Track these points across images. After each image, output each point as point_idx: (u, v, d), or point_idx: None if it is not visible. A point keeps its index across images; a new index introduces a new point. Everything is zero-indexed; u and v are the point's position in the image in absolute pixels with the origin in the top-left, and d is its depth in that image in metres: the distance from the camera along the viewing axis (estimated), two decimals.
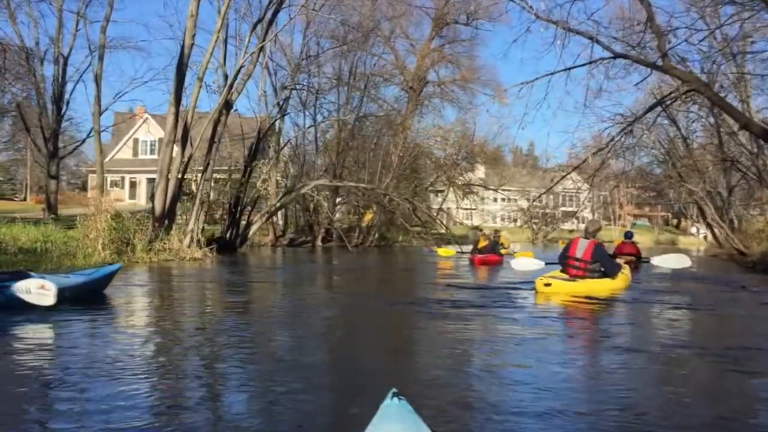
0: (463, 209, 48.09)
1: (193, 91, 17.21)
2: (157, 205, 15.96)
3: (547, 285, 9.10)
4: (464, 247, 21.91)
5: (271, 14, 19.52)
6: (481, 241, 17.90)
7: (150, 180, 41.72)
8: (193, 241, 16.39)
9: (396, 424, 2.10)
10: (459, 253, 20.77)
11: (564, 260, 9.85)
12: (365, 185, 25.54)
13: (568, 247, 9.90)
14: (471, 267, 15.97)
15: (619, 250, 16.22)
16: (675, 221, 73.31)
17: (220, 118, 19.42)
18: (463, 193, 41.08)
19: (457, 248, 21.96)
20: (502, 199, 57.02)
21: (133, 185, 50.26)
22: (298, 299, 9.32)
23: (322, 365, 4.82)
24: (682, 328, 7.32)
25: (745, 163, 24.61)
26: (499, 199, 56.21)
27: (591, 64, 12.86)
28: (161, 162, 16.35)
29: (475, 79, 39.42)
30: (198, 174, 20.44)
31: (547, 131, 38.84)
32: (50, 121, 27.42)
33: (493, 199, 55.24)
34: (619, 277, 10.01)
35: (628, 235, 17.25)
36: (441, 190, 41.67)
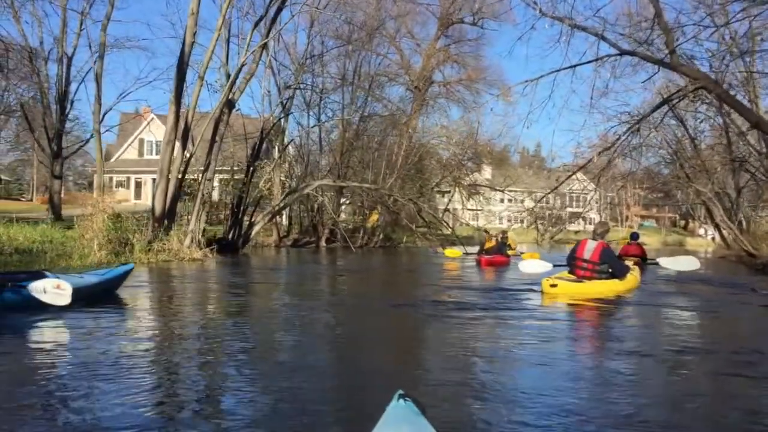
0: (469, 210, 47.80)
1: (194, 90, 17.04)
2: (157, 205, 15.80)
3: (553, 286, 9.06)
4: (469, 248, 21.73)
5: (273, 12, 19.35)
6: (488, 242, 17.86)
7: (156, 180, 41.62)
8: (194, 241, 16.21)
9: (402, 426, 2.10)
10: (465, 254, 20.59)
11: (572, 261, 9.80)
12: (369, 185, 25.32)
13: (576, 248, 9.85)
14: (477, 268, 15.88)
15: (625, 251, 16.02)
16: (683, 223, 72.75)
17: (222, 117, 19.25)
18: (468, 194, 40.79)
19: (462, 249, 21.76)
20: (509, 200, 56.66)
21: (138, 185, 50.20)
22: (299, 301, 9.14)
23: (327, 367, 4.81)
24: (690, 331, 7.18)
25: (754, 163, 24.33)
26: (505, 200, 55.85)
27: (597, 62, 12.62)
28: (161, 162, 16.19)
29: (480, 79, 39.12)
30: (200, 174, 20.28)
31: (552, 129, 38.64)
32: (54, 121, 27.35)
33: (500, 200, 54.88)
34: (628, 279, 9.95)
35: (634, 236, 17.03)
36: (447, 191, 41.40)
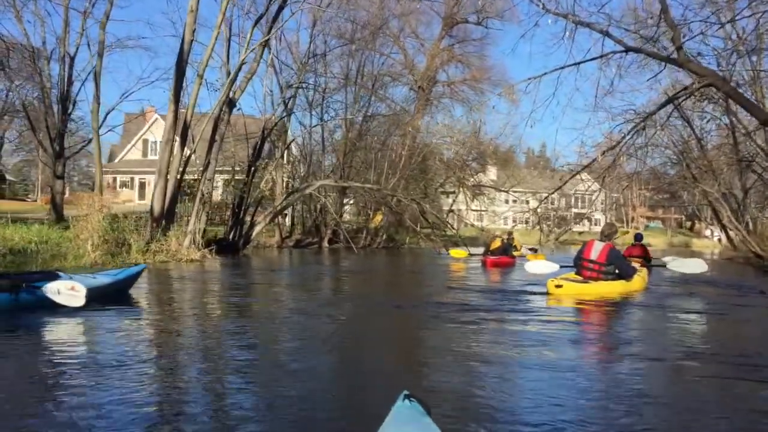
0: (474, 210, 47.58)
1: (193, 89, 16.85)
2: (156, 205, 15.62)
3: (559, 287, 9.05)
4: (474, 249, 21.58)
5: (275, 10, 19.16)
6: (494, 242, 17.75)
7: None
8: (194, 242, 16.01)
9: (408, 426, 2.09)
10: (470, 255, 20.47)
11: (578, 262, 9.80)
12: (371, 186, 25.11)
13: (583, 249, 9.86)
14: (483, 269, 15.83)
15: (629, 252, 15.81)
16: (689, 224, 72.29)
17: (222, 116, 19.07)
18: (472, 195, 40.57)
19: (465, 249, 21.59)
20: (513, 200, 56.37)
21: (142, 186, 50.14)
22: (298, 302, 8.94)
23: (330, 368, 4.77)
24: (697, 334, 7.05)
25: (762, 164, 24.03)
26: (510, 200, 55.58)
27: (602, 59, 12.37)
28: (160, 161, 16.02)
29: (485, 79, 38.97)
30: (201, 174, 20.08)
31: (555, 128, 38.39)
32: (56, 121, 27.21)
33: (505, 201, 54.63)
34: (635, 280, 9.93)
35: (638, 237, 16.81)
36: (452, 192, 41.19)
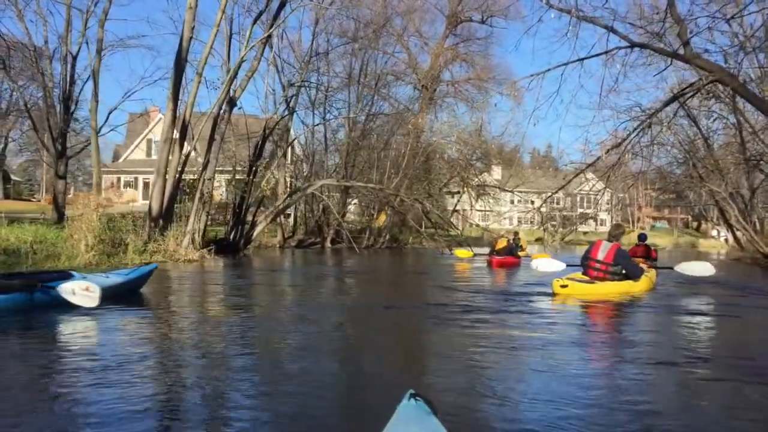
0: (478, 210, 47.32)
1: (192, 87, 16.64)
2: (154, 204, 15.43)
3: (564, 287, 9.05)
4: (476, 249, 21.42)
5: (276, 7, 18.95)
6: (499, 242, 17.66)
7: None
8: (193, 242, 15.82)
9: (413, 425, 2.08)
10: (474, 255, 20.35)
11: (585, 262, 9.80)
12: (373, 185, 24.88)
13: (590, 249, 9.85)
14: (488, 269, 15.84)
15: (632, 252, 15.60)
16: (695, 224, 71.82)
17: (223, 115, 18.88)
18: (477, 195, 40.30)
19: (469, 249, 21.43)
20: (518, 201, 56.05)
21: (146, 186, 50.05)
22: (297, 304, 8.77)
23: (335, 368, 4.78)
24: (704, 336, 6.90)
25: None
26: (515, 201, 55.26)
27: (606, 55, 12.10)
28: (159, 160, 15.83)
29: (489, 78, 38.62)
30: (201, 173, 19.88)
31: (559, 126, 37.85)
32: (58, 121, 27.07)
33: (510, 201, 54.31)
34: (641, 280, 9.93)
35: (642, 237, 16.59)
36: (456, 192, 40.92)
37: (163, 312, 7.46)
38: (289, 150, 30.14)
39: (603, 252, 9.54)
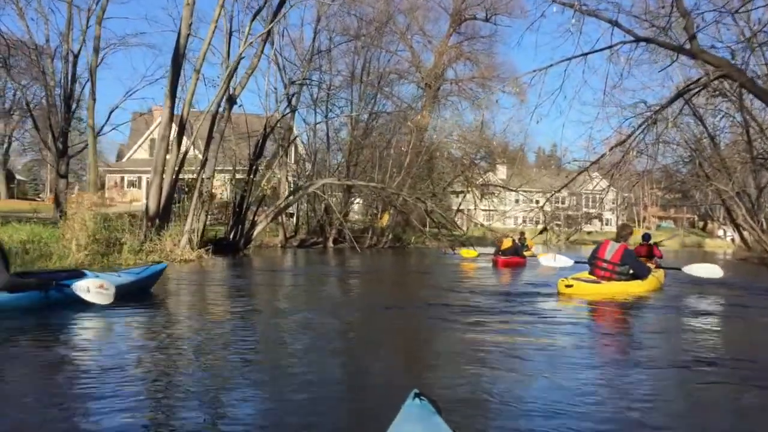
0: (483, 210, 47.05)
1: (190, 85, 16.40)
2: (151, 204, 15.23)
3: (569, 286, 9.01)
4: (480, 249, 21.30)
5: (276, 3, 18.71)
6: (505, 242, 17.62)
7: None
8: (191, 242, 15.59)
9: (418, 425, 2.07)
10: (479, 255, 20.27)
11: (593, 261, 9.79)
12: (375, 184, 24.64)
13: (598, 248, 9.85)
14: (494, 269, 15.84)
15: (636, 252, 15.37)
16: (701, 224, 71.32)
17: (222, 113, 18.68)
18: (481, 194, 40.03)
19: (474, 249, 21.32)
20: (523, 200, 55.72)
21: (150, 185, 49.96)
22: (295, 306, 8.49)
23: (340, 368, 4.75)
24: (710, 338, 6.74)
25: None
26: (520, 200, 54.94)
27: (611, 49, 11.82)
28: (156, 158, 15.64)
29: (493, 77, 38.29)
30: (201, 172, 19.65)
31: (562, 123, 37.49)
32: (59, 120, 26.91)
33: (515, 201, 53.97)
34: (648, 280, 9.90)
35: (646, 237, 16.36)
36: (461, 192, 40.67)
37: (162, 312, 7.36)
38: (291, 149, 29.94)
39: (610, 252, 9.53)
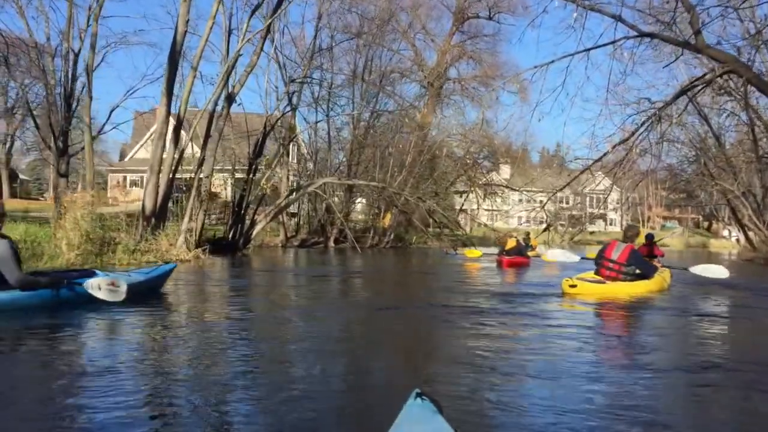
0: (486, 210, 46.79)
1: (186, 82, 16.20)
2: (148, 203, 15.02)
3: (573, 286, 8.97)
4: (483, 249, 21.15)
5: (275, 1, 18.51)
6: (509, 242, 17.52)
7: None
8: (188, 241, 15.38)
9: (419, 424, 2.09)
10: (484, 255, 20.18)
11: (599, 261, 9.80)
12: (376, 183, 24.41)
13: (605, 248, 9.90)
14: (498, 269, 15.77)
15: (640, 252, 15.18)
16: (706, 224, 70.92)
17: (221, 112, 18.48)
18: (484, 194, 39.76)
19: (474, 248, 21.16)
20: (527, 200, 55.43)
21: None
22: (292, 308, 8.28)
23: (340, 369, 4.72)
24: (715, 340, 6.59)
25: None
26: (523, 200, 54.64)
27: (614, 45, 11.58)
28: (152, 157, 15.43)
29: (497, 76, 38.01)
30: (200, 171, 19.44)
31: (563, 121, 36.63)
32: (59, 119, 26.75)
33: (519, 201, 53.69)
34: (654, 279, 9.90)
35: (649, 237, 16.17)
36: (464, 191, 40.42)
37: (163, 313, 7.20)
38: (293, 148, 29.75)
39: (617, 252, 9.57)
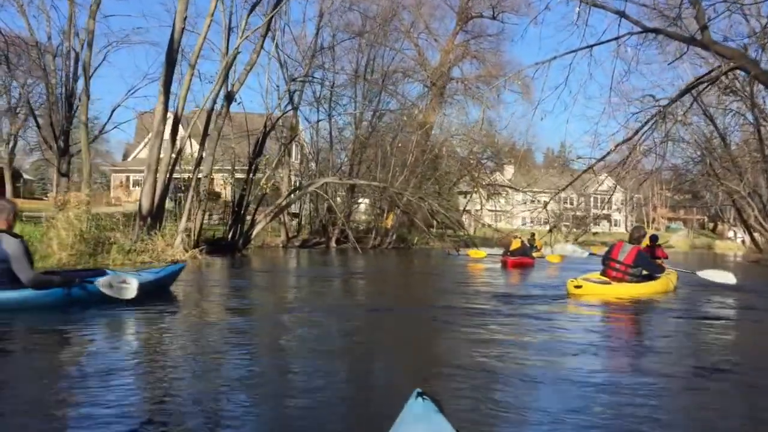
0: (490, 210, 46.56)
1: (184, 80, 15.99)
2: (144, 203, 14.82)
3: (578, 287, 8.94)
4: (486, 249, 21.00)
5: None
6: (514, 243, 17.43)
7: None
8: (185, 241, 15.19)
9: (420, 424, 2.06)
10: (489, 255, 20.06)
11: (606, 262, 9.82)
12: (377, 183, 24.20)
13: (611, 249, 9.92)
14: (503, 270, 15.70)
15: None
16: (711, 225, 70.52)
17: (220, 111, 18.29)
18: (487, 194, 39.54)
19: (481, 249, 21.02)
20: (531, 201, 55.17)
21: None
22: (290, 310, 8.03)
23: (342, 368, 4.64)
24: (720, 343, 6.39)
25: None
26: (527, 201, 54.39)
27: (617, 41, 11.34)
28: (149, 156, 15.22)
29: (500, 75, 37.79)
30: (199, 171, 19.24)
31: (566, 118, 36.53)
32: (60, 118, 26.65)
33: (522, 201, 53.46)
34: (661, 281, 9.91)
35: (653, 238, 15.97)
36: (467, 192, 40.22)
37: (162, 313, 7.06)
38: (294, 148, 29.57)
39: (623, 253, 9.58)
